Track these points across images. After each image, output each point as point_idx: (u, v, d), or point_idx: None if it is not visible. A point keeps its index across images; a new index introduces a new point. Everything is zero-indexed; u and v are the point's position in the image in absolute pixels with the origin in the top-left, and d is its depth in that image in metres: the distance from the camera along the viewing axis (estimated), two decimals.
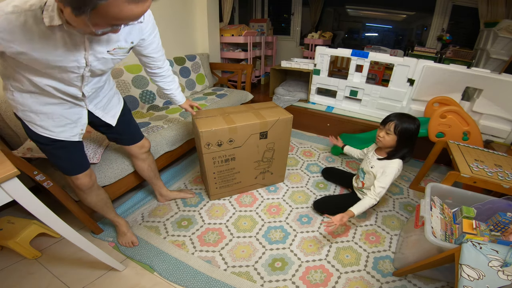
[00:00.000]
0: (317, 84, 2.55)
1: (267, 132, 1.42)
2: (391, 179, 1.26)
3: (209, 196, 1.59)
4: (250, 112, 1.46)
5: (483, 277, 0.71)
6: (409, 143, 1.27)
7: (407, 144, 1.26)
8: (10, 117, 1.25)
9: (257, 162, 1.54)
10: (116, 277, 1.14)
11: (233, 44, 3.32)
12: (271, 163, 1.59)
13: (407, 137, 1.24)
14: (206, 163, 1.38)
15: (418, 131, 1.25)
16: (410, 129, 1.23)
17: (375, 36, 5.15)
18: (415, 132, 1.24)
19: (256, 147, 1.46)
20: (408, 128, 1.23)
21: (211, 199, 1.58)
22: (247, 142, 1.41)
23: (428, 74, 1.94)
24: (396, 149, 1.29)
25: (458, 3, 3.29)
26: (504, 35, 2.47)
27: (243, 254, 1.25)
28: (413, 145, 1.29)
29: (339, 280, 1.14)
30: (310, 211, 1.52)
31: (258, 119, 1.38)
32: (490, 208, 1.07)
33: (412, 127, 1.23)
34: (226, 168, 1.46)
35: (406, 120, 1.24)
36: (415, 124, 1.24)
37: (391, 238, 1.36)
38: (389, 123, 1.26)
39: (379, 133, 1.31)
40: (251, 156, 1.49)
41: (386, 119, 1.30)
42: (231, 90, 2.50)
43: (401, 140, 1.25)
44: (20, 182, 0.70)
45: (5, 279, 1.12)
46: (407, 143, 1.26)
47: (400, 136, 1.24)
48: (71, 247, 1.26)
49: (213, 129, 1.27)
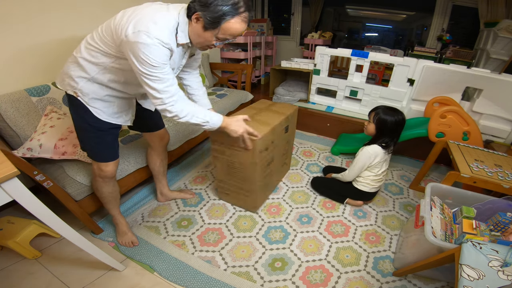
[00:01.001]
0: (317, 84, 2.55)
1: (288, 126, 1.50)
2: (359, 165, 1.41)
3: (254, 211, 1.50)
4: (266, 111, 1.47)
5: (483, 277, 0.71)
6: (387, 133, 1.35)
7: (385, 133, 1.35)
8: (10, 117, 1.25)
9: (283, 156, 1.62)
10: (116, 277, 1.14)
11: (233, 44, 3.32)
12: (287, 154, 1.70)
13: (386, 127, 1.33)
14: (257, 173, 1.28)
15: (400, 123, 1.33)
16: (388, 120, 1.32)
17: (375, 36, 5.14)
18: (395, 123, 1.32)
19: (285, 142, 1.55)
20: (385, 119, 1.32)
21: (253, 210, 1.50)
22: (279, 139, 1.44)
23: (428, 74, 1.94)
24: (374, 137, 1.39)
25: (458, 3, 3.28)
26: (504, 35, 2.47)
27: (243, 254, 1.25)
28: (394, 135, 1.36)
29: (339, 280, 1.14)
30: (310, 211, 1.52)
31: (280, 115, 1.42)
32: (490, 208, 1.07)
33: (391, 118, 1.31)
34: (268, 172, 1.44)
35: (388, 112, 1.33)
36: (396, 116, 1.32)
37: (391, 238, 1.36)
38: (372, 113, 1.39)
39: (365, 123, 1.45)
40: (280, 152, 1.53)
41: (372, 109, 1.41)
42: (231, 90, 2.50)
43: (379, 129, 1.36)
44: (20, 182, 0.70)
45: (5, 279, 1.12)
46: (385, 132, 1.35)
47: (378, 125, 1.35)
48: (71, 247, 1.26)
49: (264, 133, 1.20)
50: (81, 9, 1.61)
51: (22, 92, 1.32)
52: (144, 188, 1.65)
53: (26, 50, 1.39)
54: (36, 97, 1.37)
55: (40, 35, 1.44)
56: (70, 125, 1.30)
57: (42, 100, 1.39)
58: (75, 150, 1.26)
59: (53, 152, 1.23)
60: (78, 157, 1.25)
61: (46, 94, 1.41)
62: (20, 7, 1.33)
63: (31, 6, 1.37)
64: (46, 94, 1.41)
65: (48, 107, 1.40)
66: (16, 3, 1.30)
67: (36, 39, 1.42)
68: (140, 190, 1.64)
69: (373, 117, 1.37)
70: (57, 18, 1.49)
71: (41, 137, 1.23)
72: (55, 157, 1.23)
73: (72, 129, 1.27)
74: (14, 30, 1.32)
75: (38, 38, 1.43)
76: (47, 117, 1.36)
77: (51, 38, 1.49)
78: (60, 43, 1.53)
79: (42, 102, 1.39)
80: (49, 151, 1.22)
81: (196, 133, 1.89)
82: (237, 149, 1.23)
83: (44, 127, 1.29)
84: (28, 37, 1.39)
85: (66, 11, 1.53)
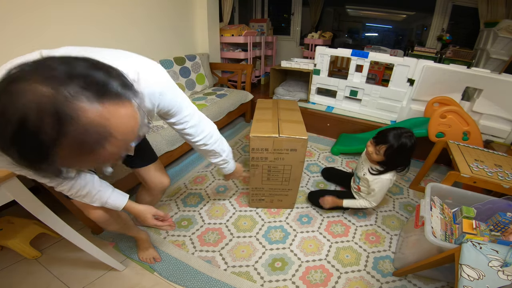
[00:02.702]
0: (317, 84, 2.55)
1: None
2: (382, 195, 1.30)
3: (292, 207, 1.53)
4: (281, 110, 1.50)
5: (483, 277, 0.71)
6: (400, 161, 1.22)
7: (398, 162, 1.22)
8: None
9: None
10: (116, 277, 1.14)
11: (233, 44, 3.31)
12: None
13: (397, 158, 1.20)
14: (302, 170, 1.33)
15: (412, 149, 1.17)
16: (402, 151, 1.16)
17: (375, 36, 5.15)
18: (407, 151, 1.17)
19: None
20: (400, 151, 1.16)
21: (291, 208, 1.53)
22: None
23: (428, 74, 1.94)
24: (387, 169, 1.25)
25: (458, 3, 3.28)
26: (504, 35, 2.47)
27: (243, 254, 1.25)
28: (408, 160, 1.22)
29: (339, 280, 1.14)
30: (310, 211, 1.52)
31: (295, 111, 1.47)
32: (490, 208, 1.07)
33: (405, 150, 1.16)
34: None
35: (399, 146, 1.15)
36: (409, 143, 1.16)
37: (391, 238, 1.36)
38: (381, 146, 1.20)
39: (368, 148, 1.27)
40: None
41: (379, 138, 1.22)
42: (231, 90, 2.50)
43: (391, 162, 1.22)
44: (20, 182, 0.70)
45: (5, 279, 1.12)
46: (398, 162, 1.22)
47: (389, 158, 1.20)
48: (71, 247, 1.25)
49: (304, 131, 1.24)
50: (80, 7, 1.61)
51: None
52: None
53: (27, 50, 1.39)
54: None
55: (40, 35, 1.44)
56: None
57: None
58: None
59: None
60: None
61: None
62: (20, 7, 1.33)
63: (31, 5, 1.37)
64: None
65: None
66: (15, 3, 1.31)
67: (36, 37, 1.42)
68: None
69: (383, 151, 1.19)
70: (57, 15, 1.50)
71: None
72: None
73: None
74: (14, 30, 1.32)
75: (38, 35, 1.43)
76: None
77: (51, 35, 1.49)
78: (60, 43, 1.53)
79: None
80: None
81: None
82: (285, 151, 1.24)
83: None
84: (29, 34, 1.39)
85: (67, 7, 1.53)
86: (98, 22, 1.73)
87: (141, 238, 1.21)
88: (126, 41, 1.96)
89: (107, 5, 1.76)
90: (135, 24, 2.00)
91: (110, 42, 1.84)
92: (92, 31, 1.71)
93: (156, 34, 2.22)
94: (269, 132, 1.22)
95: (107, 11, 1.77)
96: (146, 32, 2.12)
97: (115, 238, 1.30)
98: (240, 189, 1.69)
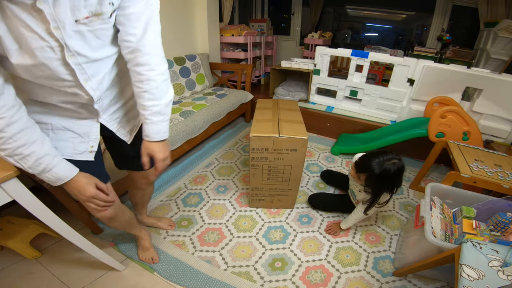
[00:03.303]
0: (317, 84, 2.55)
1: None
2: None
3: (292, 207, 1.54)
4: (281, 110, 1.51)
5: (483, 277, 0.71)
6: (386, 187, 1.09)
7: (383, 188, 1.10)
8: None
9: None
10: (116, 277, 1.14)
11: (233, 44, 3.31)
12: None
13: (381, 185, 1.09)
14: (302, 170, 1.33)
15: (397, 174, 1.04)
16: (384, 179, 1.05)
17: (375, 36, 5.15)
18: (392, 177, 1.04)
19: None
20: (382, 180, 1.05)
21: (291, 207, 1.54)
22: None
23: (428, 74, 1.94)
24: (373, 196, 1.13)
25: (458, 3, 3.28)
26: (504, 35, 2.47)
27: (243, 254, 1.25)
28: (394, 185, 1.09)
29: (339, 280, 1.14)
30: (310, 211, 1.52)
31: (295, 111, 1.48)
32: (490, 208, 1.07)
33: (387, 177, 1.04)
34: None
35: (381, 174, 1.03)
36: (393, 169, 1.02)
37: (391, 238, 1.36)
38: (360, 174, 1.11)
39: (351, 171, 1.22)
40: None
41: (359, 165, 1.12)
42: (231, 90, 2.50)
43: (374, 189, 1.12)
44: (20, 182, 0.70)
45: (5, 279, 1.11)
46: (383, 188, 1.09)
47: (371, 186, 1.11)
48: (71, 247, 1.26)
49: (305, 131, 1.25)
50: None
51: None
52: None
53: None
54: None
55: None
56: None
57: None
58: None
59: None
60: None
61: None
62: None
63: None
64: None
65: None
66: None
67: None
68: None
69: (364, 180, 1.11)
70: None
71: None
72: None
73: None
74: None
75: None
76: None
77: None
78: None
79: None
80: None
81: (196, 133, 1.89)
82: (285, 151, 1.24)
83: None
84: None
85: None
86: None
87: (143, 237, 1.20)
88: None
89: None
90: None
91: None
92: None
93: None
94: (269, 132, 1.22)
95: None
96: None
97: (115, 238, 1.30)
98: (240, 189, 1.69)
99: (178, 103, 2.10)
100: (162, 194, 1.63)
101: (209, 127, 2.04)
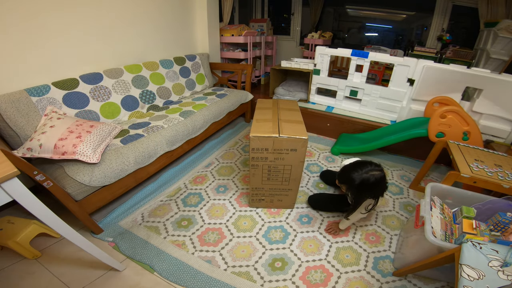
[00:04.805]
0: (317, 84, 2.55)
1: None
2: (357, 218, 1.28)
3: (292, 207, 1.54)
4: (281, 110, 1.51)
5: (483, 277, 0.71)
6: (367, 195, 1.16)
7: (364, 196, 1.17)
8: (10, 117, 1.25)
9: None
10: (116, 277, 1.14)
11: (233, 44, 3.32)
12: None
13: (362, 195, 1.16)
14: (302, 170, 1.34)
15: (376, 184, 1.11)
16: (364, 189, 1.13)
17: (375, 36, 5.14)
18: (371, 186, 1.11)
19: None
20: (361, 190, 1.13)
21: (291, 207, 1.54)
22: None
23: (428, 74, 1.94)
24: (354, 203, 1.21)
25: (458, 3, 3.29)
26: (504, 35, 2.47)
27: (243, 254, 1.25)
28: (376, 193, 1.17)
29: (339, 280, 1.14)
30: (310, 211, 1.52)
31: (296, 111, 1.49)
32: (490, 208, 1.07)
33: (367, 186, 1.11)
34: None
35: (360, 185, 1.11)
36: (372, 179, 1.10)
37: (391, 238, 1.36)
38: (342, 185, 1.23)
39: (336, 179, 1.30)
40: None
41: (340, 176, 1.23)
42: (231, 90, 2.50)
43: (355, 198, 1.19)
44: (20, 182, 0.70)
45: (5, 279, 1.11)
46: (364, 196, 1.16)
47: (352, 195, 1.21)
48: (71, 247, 1.26)
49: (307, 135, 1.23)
50: (80, 9, 1.61)
51: (22, 92, 1.32)
52: (144, 188, 1.65)
53: (26, 50, 1.39)
54: (36, 97, 1.37)
55: (41, 35, 1.44)
56: (70, 125, 1.30)
57: (42, 100, 1.39)
58: (75, 150, 1.26)
59: (53, 152, 1.22)
60: (78, 157, 1.25)
61: (46, 94, 1.41)
62: (20, 6, 1.33)
63: (30, 5, 1.37)
64: (46, 94, 1.41)
65: (48, 107, 1.40)
66: (16, 2, 1.31)
67: (37, 39, 1.42)
68: (140, 190, 1.64)
69: (345, 190, 1.22)
70: (57, 18, 1.50)
71: (41, 137, 1.23)
72: (55, 157, 1.23)
73: (72, 129, 1.27)
74: (14, 30, 1.32)
75: (39, 38, 1.43)
76: (47, 117, 1.36)
77: (52, 37, 1.49)
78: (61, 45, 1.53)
79: (42, 102, 1.39)
80: (49, 151, 1.22)
81: (196, 133, 1.89)
82: (285, 151, 1.24)
83: (44, 127, 1.29)
84: (29, 36, 1.39)
85: (67, 10, 1.53)
86: (99, 24, 1.73)
87: None
88: (127, 42, 1.96)
89: (108, 7, 1.76)
90: (136, 25, 2.00)
91: (110, 43, 1.84)
92: (93, 33, 1.71)
93: (156, 34, 2.22)
94: (269, 132, 1.22)
95: (107, 13, 1.77)
96: (146, 32, 2.12)
97: (115, 238, 1.30)
98: (240, 189, 1.69)
99: (178, 103, 2.11)
100: (162, 194, 1.63)
101: (209, 127, 2.04)
